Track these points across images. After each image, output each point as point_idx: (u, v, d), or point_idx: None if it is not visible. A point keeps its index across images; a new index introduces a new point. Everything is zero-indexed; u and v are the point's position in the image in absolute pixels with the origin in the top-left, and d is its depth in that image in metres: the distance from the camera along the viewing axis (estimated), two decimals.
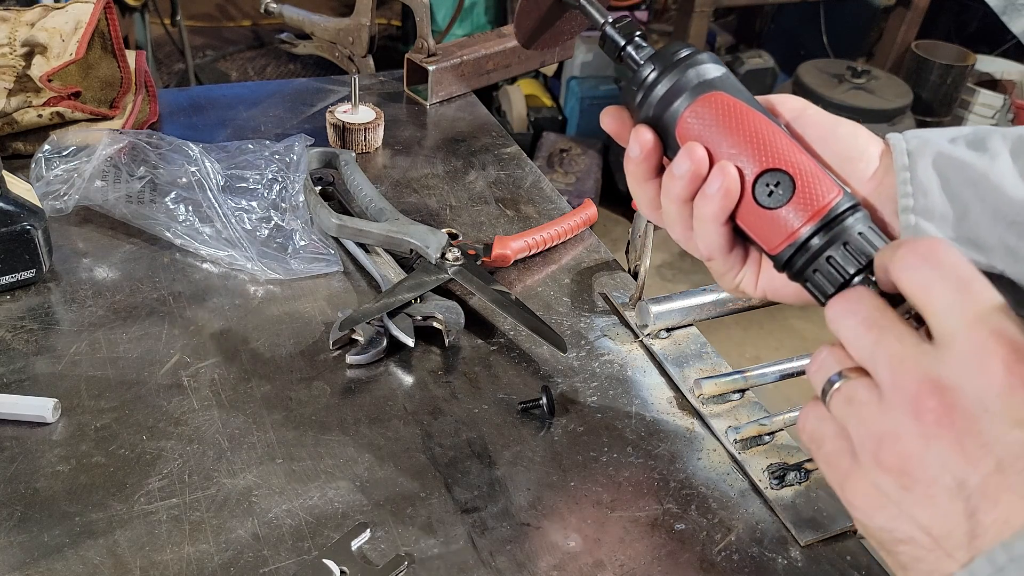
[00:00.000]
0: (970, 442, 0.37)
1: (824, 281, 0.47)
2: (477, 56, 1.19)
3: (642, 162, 0.52)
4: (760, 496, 0.68)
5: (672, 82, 0.50)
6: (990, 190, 0.47)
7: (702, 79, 0.50)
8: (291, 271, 0.84)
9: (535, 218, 0.98)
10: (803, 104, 0.53)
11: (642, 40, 0.53)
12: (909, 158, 0.49)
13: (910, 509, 0.38)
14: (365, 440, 0.69)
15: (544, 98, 2.98)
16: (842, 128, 0.52)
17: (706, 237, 0.52)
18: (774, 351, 2.36)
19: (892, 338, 0.40)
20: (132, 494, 0.63)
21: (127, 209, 0.86)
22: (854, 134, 0.52)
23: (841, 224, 0.47)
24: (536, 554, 0.62)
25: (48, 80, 0.91)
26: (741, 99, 0.50)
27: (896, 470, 0.39)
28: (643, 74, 0.51)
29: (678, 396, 0.77)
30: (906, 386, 0.38)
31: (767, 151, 0.48)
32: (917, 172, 0.49)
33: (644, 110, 0.51)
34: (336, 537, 0.61)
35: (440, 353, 0.78)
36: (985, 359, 0.37)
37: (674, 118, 0.50)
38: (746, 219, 0.50)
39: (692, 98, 0.49)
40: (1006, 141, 0.49)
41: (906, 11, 2.83)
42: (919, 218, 0.48)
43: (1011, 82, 2.87)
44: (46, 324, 0.76)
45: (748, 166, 0.49)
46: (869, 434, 0.40)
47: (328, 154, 0.97)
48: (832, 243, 0.46)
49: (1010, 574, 0.35)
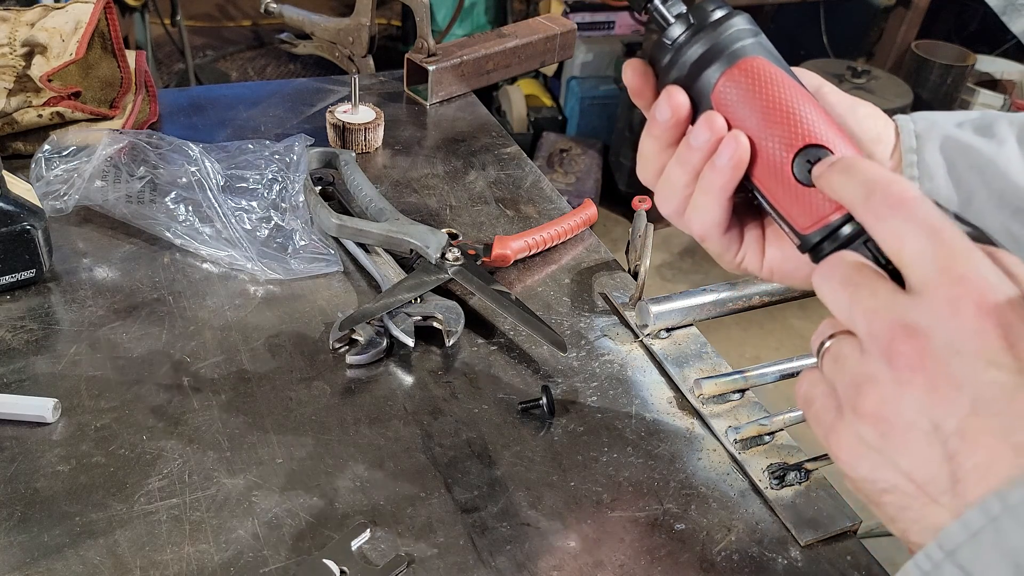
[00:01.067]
0: (943, 384, 0.36)
1: None
2: (477, 56, 1.19)
3: (670, 128, 0.49)
4: (760, 496, 0.68)
5: (707, 46, 0.46)
6: (996, 176, 0.47)
7: (739, 43, 0.46)
8: (291, 271, 0.84)
9: (535, 218, 0.98)
10: (819, 81, 0.51)
11: None
12: (917, 140, 0.48)
13: (891, 456, 0.38)
14: (365, 440, 0.69)
15: (544, 98, 2.98)
16: (861, 109, 0.50)
17: (705, 213, 0.49)
18: (774, 351, 2.36)
19: (866, 293, 0.40)
20: (132, 494, 0.63)
21: (127, 209, 0.86)
22: (873, 115, 0.50)
23: None
24: (536, 554, 0.62)
25: (48, 80, 0.91)
26: (780, 67, 0.46)
27: (874, 417, 0.39)
28: (674, 33, 0.47)
29: (678, 396, 0.77)
30: (880, 334, 0.38)
31: (809, 125, 0.45)
32: (924, 155, 0.48)
33: (673, 72, 0.48)
34: (336, 537, 0.61)
35: (440, 353, 0.78)
36: (956, 303, 0.36)
37: (708, 85, 0.47)
38: (778, 196, 0.47)
39: (728, 64, 0.46)
40: (1013, 127, 0.48)
41: (906, 11, 2.83)
42: None
43: (1011, 82, 2.87)
44: (46, 324, 0.76)
45: (789, 140, 0.45)
46: (849, 384, 0.40)
47: (328, 154, 0.97)
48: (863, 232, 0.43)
49: (1005, 523, 0.34)
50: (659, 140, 0.50)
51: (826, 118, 0.46)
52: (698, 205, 0.49)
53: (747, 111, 0.46)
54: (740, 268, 0.53)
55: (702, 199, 0.49)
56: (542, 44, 1.25)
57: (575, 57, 2.82)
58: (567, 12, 2.85)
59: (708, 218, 0.49)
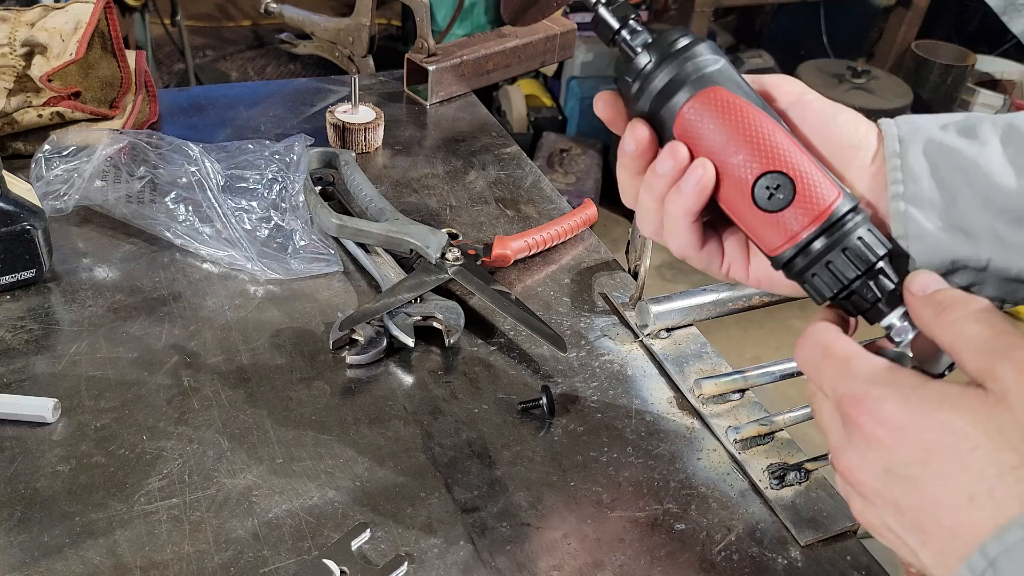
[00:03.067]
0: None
1: (824, 285, 0.47)
2: (477, 56, 1.19)
3: (636, 158, 0.51)
4: (760, 496, 0.68)
5: (670, 75, 0.48)
6: (979, 177, 0.47)
7: (701, 72, 0.48)
8: (291, 271, 0.84)
9: (535, 218, 0.98)
10: (801, 88, 0.52)
11: (637, 24, 0.51)
12: (900, 144, 0.49)
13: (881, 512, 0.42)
14: (365, 440, 0.69)
15: (544, 98, 2.98)
16: (842, 115, 0.51)
17: (677, 235, 0.52)
18: (774, 351, 2.36)
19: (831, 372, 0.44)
20: (132, 494, 0.63)
21: (127, 209, 0.86)
22: (855, 121, 0.51)
23: (842, 228, 0.46)
24: (536, 554, 0.62)
25: (48, 80, 0.91)
26: (740, 95, 0.48)
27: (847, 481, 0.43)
28: (639, 63, 0.49)
29: (678, 396, 0.77)
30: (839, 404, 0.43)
31: (768, 151, 0.47)
32: (908, 159, 0.48)
33: (640, 102, 0.50)
34: (336, 537, 0.61)
35: (440, 353, 0.78)
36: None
37: (671, 113, 0.49)
38: (745, 221, 0.49)
39: (690, 93, 0.48)
40: (996, 128, 0.49)
41: (906, 11, 2.83)
42: (908, 205, 0.48)
43: (1011, 82, 2.87)
44: (46, 324, 0.76)
45: (748, 167, 0.47)
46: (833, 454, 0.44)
47: (328, 154, 0.97)
48: (833, 247, 0.46)
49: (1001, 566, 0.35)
50: (628, 169, 0.53)
51: (789, 142, 0.48)
52: (669, 229, 0.52)
53: (708, 138, 0.48)
54: (728, 278, 0.55)
55: (671, 223, 0.51)
56: (542, 44, 1.25)
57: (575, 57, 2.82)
58: (567, 12, 2.85)
59: (681, 240, 0.52)
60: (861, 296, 0.47)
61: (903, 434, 0.39)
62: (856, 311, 0.48)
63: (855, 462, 0.42)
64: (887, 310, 0.46)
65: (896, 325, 0.46)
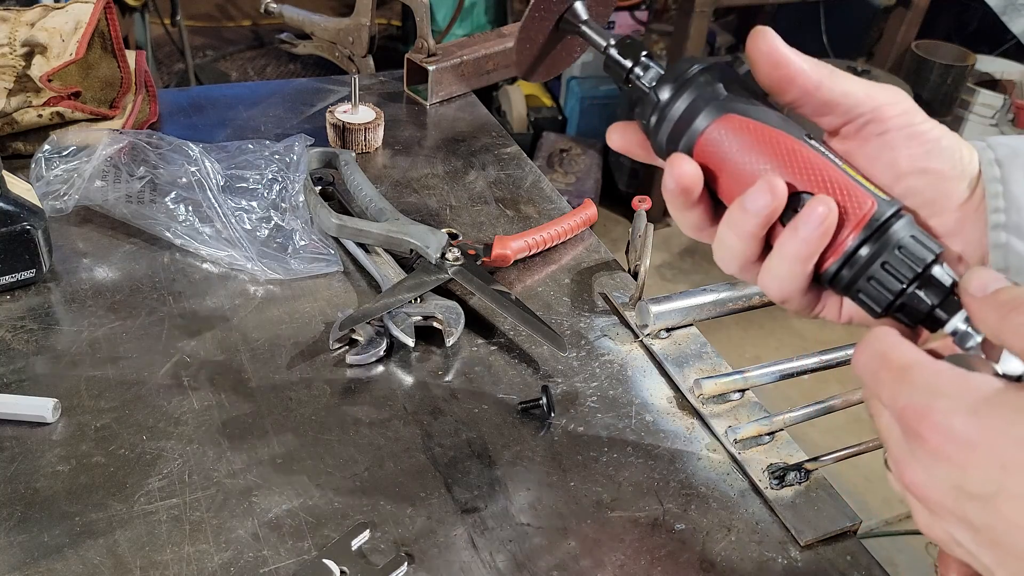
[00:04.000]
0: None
1: (877, 293, 0.45)
2: (477, 56, 1.19)
3: (680, 194, 0.48)
4: (760, 496, 0.68)
5: (685, 104, 0.48)
6: None
7: (716, 99, 0.47)
8: (291, 271, 0.84)
9: (535, 218, 0.98)
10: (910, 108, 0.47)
11: (649, 60, 0.50)
12: (1000, 169, 0.45)
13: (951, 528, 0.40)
14: (365, 440, 0.69)
15: (544, 98, 2.98)
16: (945, 140, 0.47)
17: (785, 279, 0.46)
18: (774, 351, 2.36)
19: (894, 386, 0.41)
20: (132, 494, 0.63)
21: (127, 209, 0.86)
22: (957, 147, 0.47)
23: (887, 231, 0.44)
24: (536, 554, 0.62)
25: (48, 80, 0.91)
26: (756, 117, 0.47)
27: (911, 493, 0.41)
28: (654, 99, 0.49)
29: (678, 396, 0.77)
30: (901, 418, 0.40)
31: (795, 169, 0.45)
32: (1010, 185, 0.45)
33: (660, 134, 0.49)
34: (336, 537, 0.61)
35: (440, 353, 0.78)
36: None
37: (691, 143, 0.48)
38: None
39: (708, 120, 0.47)
40: None
41: (906, 11, 2.83)
42: (1011, 236, 0.44)
43: (1011, 82, 2.87)
44: (46, 324, 0.76)
45: None
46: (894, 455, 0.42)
47: (328, 154, 0.97)
48: (880, 253, 0.44)
49: None
50: (674, 204, 0.49)
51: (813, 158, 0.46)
52: (776, 271, 0.46)
53: (731, 162, 0.47)
54: (816, 318, 0.51)
55: (781, 266, 0.46)
56: None
57: None
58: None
59: (789, 285, 0.47)
60: (917, 303, 0.44)
61: (975, 452, 0.37)
62: (914, 321, 0.45)
63: (921, 478, 0.39)
64: (947, 316, 0.43)
65: (961, 330, 0.43)
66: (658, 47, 2.72)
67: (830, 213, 0.44)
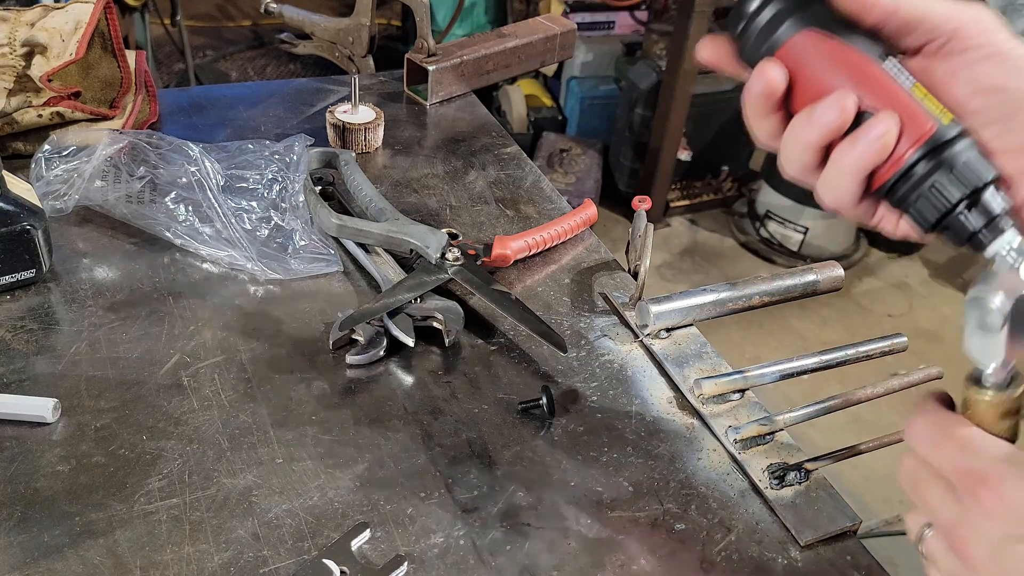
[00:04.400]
0: None
1: (928, 208, 0.46)
2: (477, 56, 1.19)
3: (766, 98, 0.49)
4: (760, 496, 0.68)
5: (771, 14, 0.49)
6: None
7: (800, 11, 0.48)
8: (291, 271, 0.84)
9: (535, 218, 0.98)
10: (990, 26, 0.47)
11: None
12: None
13: None
14: (365, 440, 0.69)
15: (544, 98, 2.98)
16: None
17: (839, 189, 0.48)
18: (774, 351, 2.36)
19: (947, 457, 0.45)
20: (132, 494, 0.63)
21: (127, 209, 0.86)
22: None
23: (946, 150, 0.46)
24: (536, 554, 0.62)
25: (48, 80, 0.91)
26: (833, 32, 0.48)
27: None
28: (744, 8, 0.50)
29: (678, 396, 0.77)
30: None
31: (866, 88, 0.47)
32: None
33: (746, 41, 0.50)
34: (336, 537, 0.61)
35: (440, 353, 0.78)
36: None
37: (772, 52, 0.49)
38: None
39: (791, 32, 0.48)
40: None
41: None
42: None
43: None
44: (46, 324, 0.76)
45: None
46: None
47: (328, 154, 0.97)
48: (936, 170, 0.46)
49: None
50: (755, 109, 0.50)
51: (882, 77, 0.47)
52: (831, 180, 0.49)
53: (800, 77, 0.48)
54: (878, 229, 0.53)
55: (836, 176, 0.48)
56: (542, 44, 1.25)
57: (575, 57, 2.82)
58: (567, 12, 2.85)
59: (842, 195, 0.49)
60: (963, 223, 0.46)
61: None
62: (959, 240, 0.47)
63: (970, 535, 0.43)
64: (991, 237, 0.46)
65: (1001, 254, 0.45)
66: (658, 47, 2.72)
67: (887, 132, 0.46)
